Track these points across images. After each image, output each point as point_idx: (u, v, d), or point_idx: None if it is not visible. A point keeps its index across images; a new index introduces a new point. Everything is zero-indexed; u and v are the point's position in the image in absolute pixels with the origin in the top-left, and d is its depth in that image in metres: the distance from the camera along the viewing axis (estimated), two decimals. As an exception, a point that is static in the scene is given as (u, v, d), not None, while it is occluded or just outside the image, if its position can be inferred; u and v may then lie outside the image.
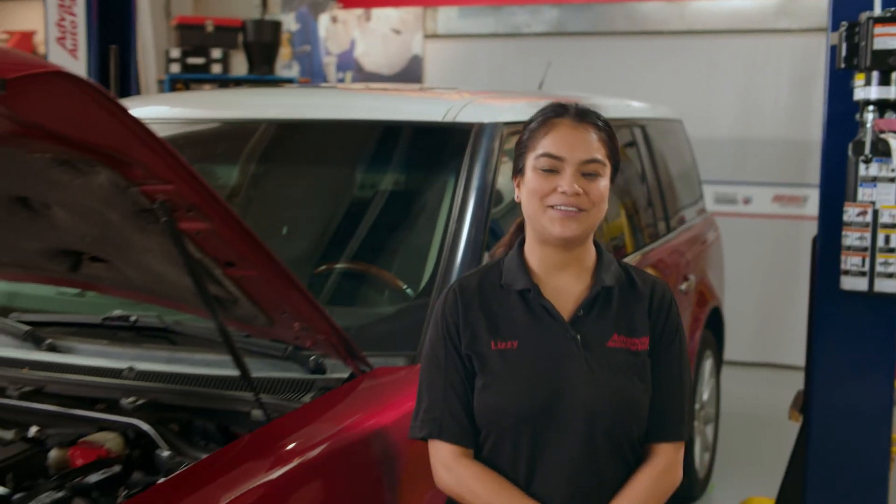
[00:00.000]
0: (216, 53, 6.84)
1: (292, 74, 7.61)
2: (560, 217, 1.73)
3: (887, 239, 3.03)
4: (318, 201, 2.92)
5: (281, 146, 2.97)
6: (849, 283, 3.10)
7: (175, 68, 6.80)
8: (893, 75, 2.95)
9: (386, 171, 2.91)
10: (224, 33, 6.90)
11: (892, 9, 2.95)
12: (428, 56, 7.35)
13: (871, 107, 2.98)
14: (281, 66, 7.48)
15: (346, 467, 1.88)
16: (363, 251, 2.65)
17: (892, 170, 3.01)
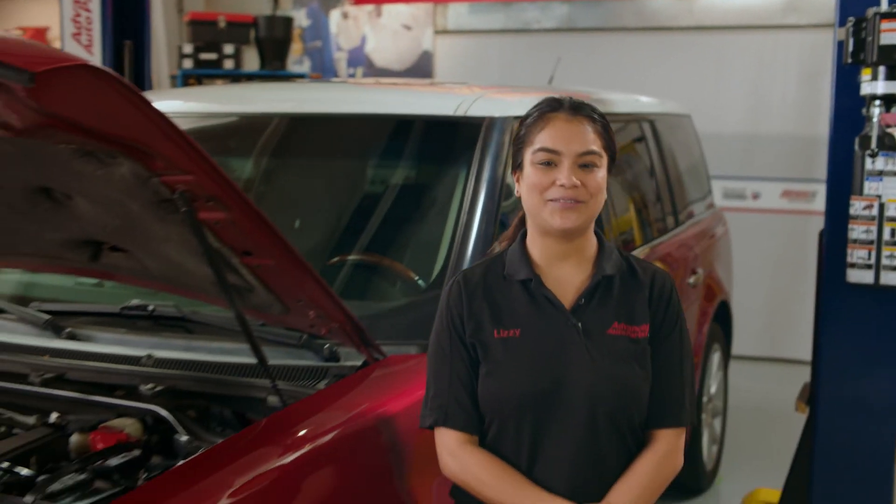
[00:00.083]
0: (228, 49, 6.88)
1: (303, 70, 7.65)
2: (560, 209, 1.76)
3: (893, 232, 3.05)
4: (331, 194, 2.94)
5: (294, 140, 3.00)
6: (855, 276, 3.13)
7: (187, 64, 6.84)
8: (900, 70, 2.98)
9: (398, 164, 2.95)
10: (236, 29, 6.93)
11: (899, 4, 2.97)
12: (438, 52, 7.37)
13: (878, 101, 3.00)
14: (292, 62, 7.51)
15: (359, 451, 1.92)
16: (375, 243, 2.68)
17: (899, 164, 3.04)
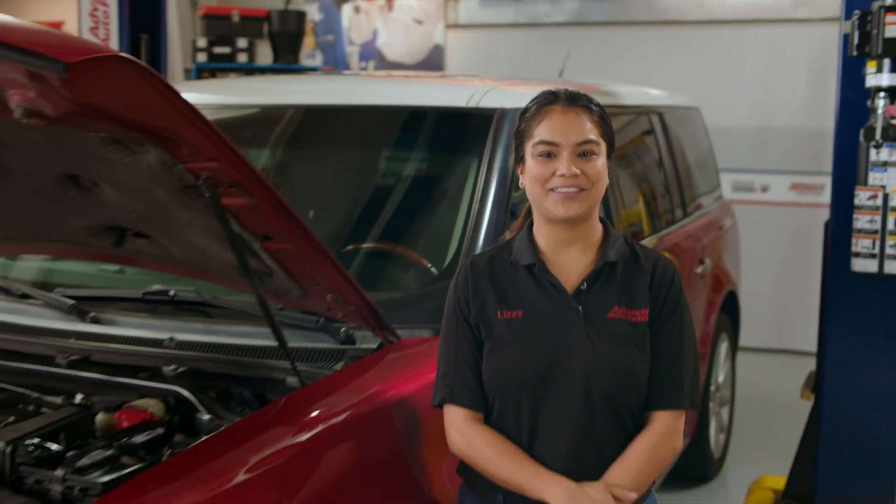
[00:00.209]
0: (242, 43, 6.94)
1: (316, 64, 7.70)
2: (562, 198, 1.82)
3: (897, 221, 3.11)
4: (345, 183, 3.00)
5: (309, 131, 3.06)
6: (859, 265, 3.18)
7: (201, 57, 6.90)
8: (904, 63, 3.03)
9: (410, 155, 3.00)
10: (249, 23, 6.99)
11: (904, -2, 3.02)
12: (449, 46, 7.42)
13: (883, 93, 3.06)
14: (305, 56, 7.57)
15: (374, 430, 1.98)
16: (389, 231, 2.74)
17: (903, 155, 3.09)
